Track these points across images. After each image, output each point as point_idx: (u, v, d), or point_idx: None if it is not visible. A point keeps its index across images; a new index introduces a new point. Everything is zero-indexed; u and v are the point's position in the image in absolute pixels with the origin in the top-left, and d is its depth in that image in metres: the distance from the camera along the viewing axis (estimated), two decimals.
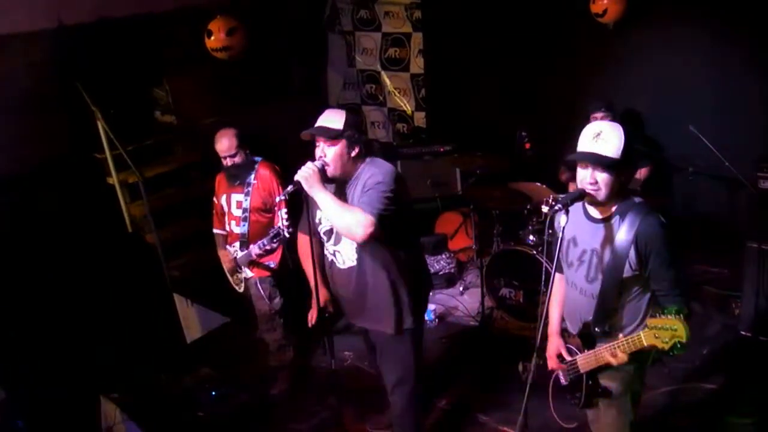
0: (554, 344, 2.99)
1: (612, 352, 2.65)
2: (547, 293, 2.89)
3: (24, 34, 5.10)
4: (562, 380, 3.02)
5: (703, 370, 4.32)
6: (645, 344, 2.49)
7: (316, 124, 3.09)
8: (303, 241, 3.40)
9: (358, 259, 3.16)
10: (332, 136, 3.03)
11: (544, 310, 2.75)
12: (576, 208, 2.75)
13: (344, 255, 3.20)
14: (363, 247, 3.11)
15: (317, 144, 3.08)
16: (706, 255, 5.39)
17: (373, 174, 3.04)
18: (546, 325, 2.94)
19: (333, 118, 3.08)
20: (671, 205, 5.39)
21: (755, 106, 5.15)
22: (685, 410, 4.01)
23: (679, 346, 2.37)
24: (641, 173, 4.86)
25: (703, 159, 4.79)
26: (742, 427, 3.81)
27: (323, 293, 3.41)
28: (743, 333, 4.57)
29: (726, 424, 3.84)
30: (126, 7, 5.61)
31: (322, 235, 3.28)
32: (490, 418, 4.17)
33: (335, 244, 3.21)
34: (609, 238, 2.63)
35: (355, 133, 3.08)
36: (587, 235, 2.74)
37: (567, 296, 2.98)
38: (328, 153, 3.04)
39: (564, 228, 2.57)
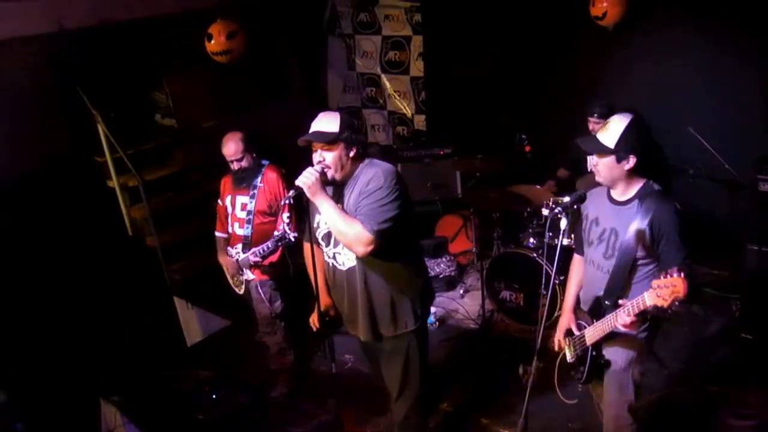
0: (566, 319, 3.19)
1: (620, 314, 2.78)
2: (547, 296, 2.94)
3: (25, 38, 5.11)
4: (569, 357, 3.14)
5: (703, 372, 4.32)
6: (648, 304, 2.60)
7: (311, 129, 3.03)
8: (307, 248, 3.34)
9: (359, 259, 3.09)
10: (329, 140, 2.96)
11: (545, 313, 2.82)
12: (601, 192, 3.03)
13: (344, 256, 3.15)
14: None
15: (314, 150, 3.03)
16: (707, 257, 5.38)
17: (373, 177, 2.97)
18: (546, 327, 2.98)
19: (328, 122, 3.01)
20: None
21: (754, 109, 5.15)
22: (684, 411, 4.01)
23: (677, 303, 2.49)
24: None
25: (702, 161, 4.79)
26: (743, 430, 3.80)
27: (325, 299, 3.39)
28: (743, 335, 4.58)
29: (726, 426, 3.84)
30: (126, 10, 5.62)
31: (320, 240, 3.23)
32: (491, 420, 4.16)
33: (334, 246, 3.17)
34: (627, 220, 2.84)
35: (351, 134, 3.02)
36: (608, 216, 2.96)
37: (585, 275, 3.15)
38: (327, 158, 2.98)
39: (586, 208, 3.02)
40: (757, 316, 4.51)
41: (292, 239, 3.89)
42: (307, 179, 2.91)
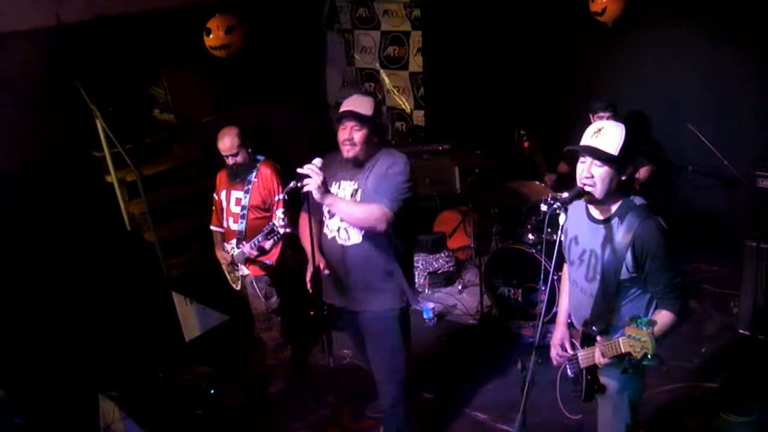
0: (560, 334, 3.03)
1: (596, 353, 2.69)
2: (546, 292, 2.90)
3: (22, 32, 5.10)
4: (569, 372, 3.03)
5: (702, 369, 4.33)
6: (622, 350, 2.54)
7: (346, 107, 3.24)
8: (303, 220, 3.48)
9: (364, 237, 3.27)
10: (363, 120, 3.20)
11: (543, 308, 2.76)
12: (579, 207, 2.77)
13: (350, 232, 3.30)
14: None
15: (344, 125, 3.22)
16: (705, 253, 5.39)
17: (393, 162, 3.23)
18: (545, 323, 2.95)
19: (363, 104, 3.24)
20: (670, 204, 5.40)
21: (754, 105, 5.15)
22: (683, 409, 4.02)
23: (649, 357, 2.42)
24: (642, 173, 4.87)
25: (702, 158, 4.79)
26: (741, 426, 3.81)
27: (319, 257, 3.46)
28: (742, 331, 4.58)
29: (724, 422, 3.84)
30: (124, 4, 5.61)
31: (326, 213, 3.37)
32: (489, 416, 4.17)
33: (342, 220, 3.29)
34: (608, 240, 2.64)
35: (380, 120, 3.29)
36: (587, 236, 2.75)
37: (570, 293, 3.00)
38: (356, 136, 3.20)
39: (564, 224, 2.60)
40: (756, 313, 4.51)
41: (281, 232, 3.95)
42: (312, 185, 3.02)
